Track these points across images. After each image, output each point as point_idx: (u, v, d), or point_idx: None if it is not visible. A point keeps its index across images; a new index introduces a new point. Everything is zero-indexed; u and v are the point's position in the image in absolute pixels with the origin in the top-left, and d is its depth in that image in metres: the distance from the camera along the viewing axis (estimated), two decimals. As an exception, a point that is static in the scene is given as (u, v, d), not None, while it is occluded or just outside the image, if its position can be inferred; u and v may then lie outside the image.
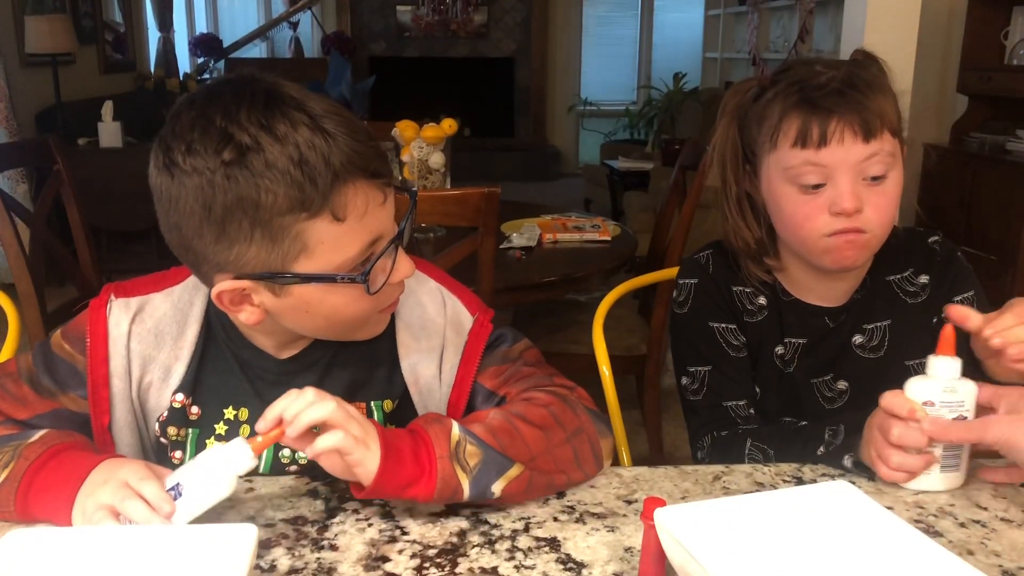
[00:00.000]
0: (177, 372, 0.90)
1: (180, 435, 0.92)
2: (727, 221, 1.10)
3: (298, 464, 0.93)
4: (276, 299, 0.81)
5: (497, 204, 1.66)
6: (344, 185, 0.76)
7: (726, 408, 1.10)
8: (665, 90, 7.16)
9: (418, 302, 0.95)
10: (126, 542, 0.68)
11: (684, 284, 1.15)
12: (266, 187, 0.74)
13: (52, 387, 0.91)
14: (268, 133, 0.74)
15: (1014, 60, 3.74)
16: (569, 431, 0.87)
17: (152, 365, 0.90)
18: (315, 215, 0.76)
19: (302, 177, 0.74)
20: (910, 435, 0.85)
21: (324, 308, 0.82)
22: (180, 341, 0.91)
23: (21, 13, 4.74)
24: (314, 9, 7.49)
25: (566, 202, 5.69)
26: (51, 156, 2.28)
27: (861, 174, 0.99)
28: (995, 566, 0.75)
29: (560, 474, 0.86)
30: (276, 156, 0.74)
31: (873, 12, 3.03)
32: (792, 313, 1.11)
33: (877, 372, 1.10)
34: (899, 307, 1.12)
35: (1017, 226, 3.36)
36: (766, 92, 1.04)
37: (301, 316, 0.84)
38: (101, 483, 0.76)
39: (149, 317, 0.91)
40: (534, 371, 0.95)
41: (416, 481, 0.77)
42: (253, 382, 0.92)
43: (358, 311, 0.83)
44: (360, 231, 0.79)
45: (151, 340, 0.90)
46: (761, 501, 0.74)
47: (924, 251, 1.13)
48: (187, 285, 0.93)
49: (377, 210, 0.79)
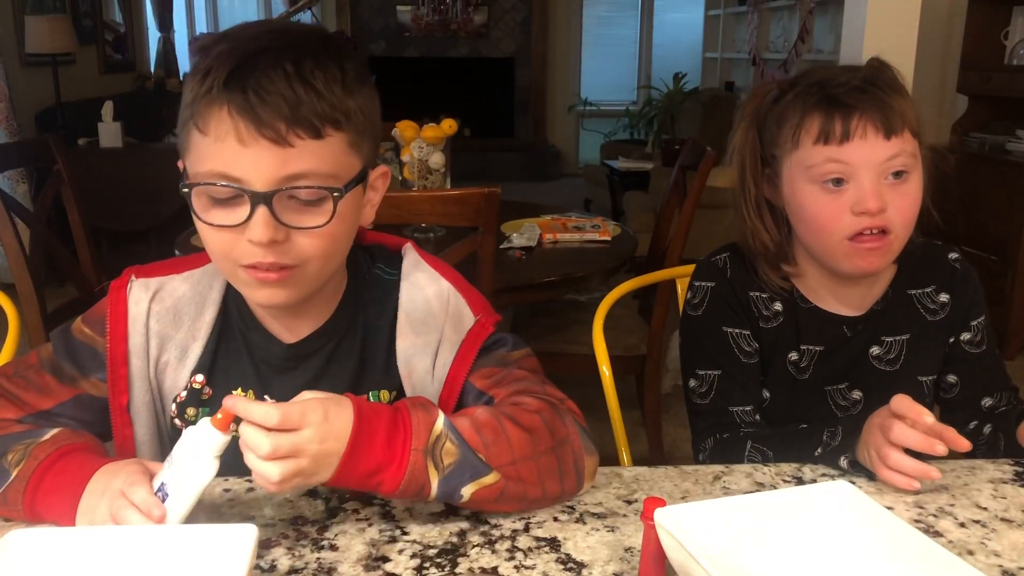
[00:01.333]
0: (194, 352, 0.91)
1: (194, 416, 0.92)
2: (745, 224, 1.10)
3: None
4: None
5: (497, 204, 1.66)
6: (214, 104, 0.77)
7: (732, 413, 1.10)
8: (665, 90, 7.17)
9: (424, 298, 0.95)
10: (126, 542, 0.68)
11: (700, 286, 1.14)
12: (192, 74, 0.80)
13: (73, 372, 0.91)
14: (217, 44, 0.79)
15: (1014, 60, 3.74)
16: (556, 440, 0.85)
17: (169, 344, 0.91)
18: (192, 117, 0.79)
19: (200, 84, 0.78)
20: (911, 436, 0.85)
21: (199, 225, 0.83)
22: (198, 322, 0.92)
23: (21, 13, 4.74)
24: (314, 9, 7.48)
25: (566, 202, 5.68)
26: (51, 156, 2.28)
27: (883, 173, 0.99)
28: (995, 566, 0.75)
29: (536, 486, 0.82)
30: (205, 53, 0.79)
31: (873, 12, 3.03)
32: (810, 320, 1.11)
33: (891, 385, 1.09)
34: (919, 322, 1.12)
35: (1017, 226, 3.36)
36: (786, 94, 1.04)
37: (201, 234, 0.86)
38: (99, 493, 0.76)
39: (168, 297, 0.91)
40: (527, 375, 0.93)
41: (384, 468, 0.75)
42: (258, 366, 0.93)
43: (214, 247, 0.83)
44: (214, 156, 0.78)
45: (169, 319, 0.91)
46: (761, 501, 0.74)
47: (946, 268, 1.14)
48: (207, 269, 0.93)
49: (235, 146, 0.77)
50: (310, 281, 0.85)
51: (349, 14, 7.72)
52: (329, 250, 0.84)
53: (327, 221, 0.80)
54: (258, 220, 0.78)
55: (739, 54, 6.81)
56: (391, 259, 0.98)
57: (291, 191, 0.79)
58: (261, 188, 0.78)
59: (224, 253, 0.82)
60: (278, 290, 0.83)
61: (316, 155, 0.79)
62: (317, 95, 0.78)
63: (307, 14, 7.47)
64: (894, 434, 0.86)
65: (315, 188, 0.80)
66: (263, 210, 0.78)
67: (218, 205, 0.80)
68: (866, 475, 0.91)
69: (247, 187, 0.78)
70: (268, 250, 0.79)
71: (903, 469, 0.86)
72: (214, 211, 0.80)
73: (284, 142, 0.77)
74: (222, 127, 0.77)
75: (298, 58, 0.78)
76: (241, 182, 0.78)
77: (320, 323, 0.93)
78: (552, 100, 8.14)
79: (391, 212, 1.72)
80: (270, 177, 0.78)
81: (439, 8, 7.73)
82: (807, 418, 1.09)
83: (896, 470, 0.87)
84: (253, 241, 0.79)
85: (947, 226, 1.05)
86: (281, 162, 0.78)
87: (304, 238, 0.81)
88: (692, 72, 7.46)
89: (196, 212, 0.81)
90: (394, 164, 2.42)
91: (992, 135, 3.78)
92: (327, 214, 0.81)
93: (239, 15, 7.87)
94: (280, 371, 0.93)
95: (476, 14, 7.80)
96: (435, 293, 0.95)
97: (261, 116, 0.76)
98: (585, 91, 8.14)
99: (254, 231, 0.78)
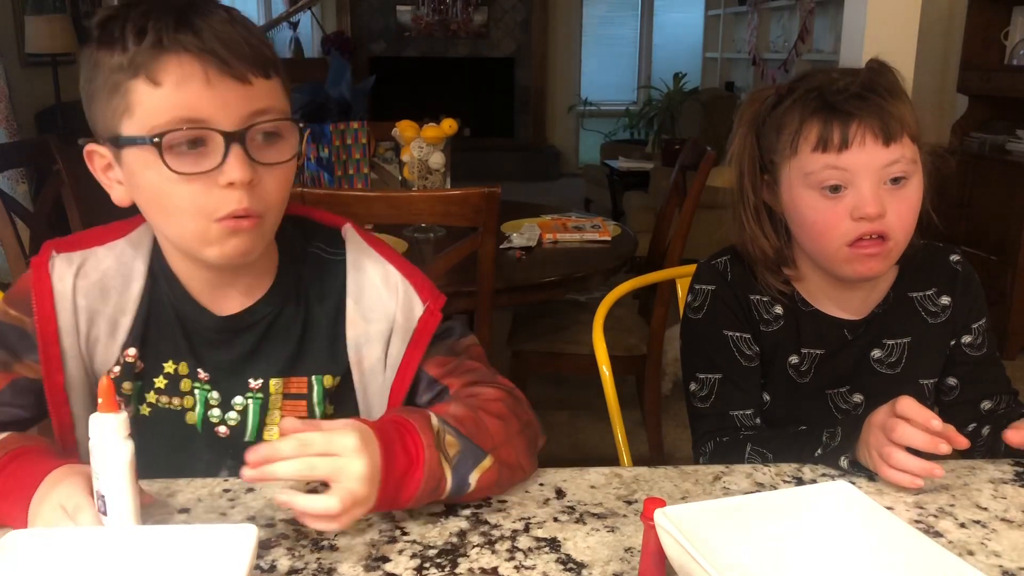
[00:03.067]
0: (124, 326, 0.90)
1: (130, 390, 0.91)
2: (744, 231, 1.09)
3: (227, 425, 0.93)
4: (121, 172, 0.83)
5: (497, 204, 1.66)
6: (167, 53, 0.77)
7: (732, 417, 1.10)
8: (665, 90, 7.17)
9: (372, 283, 0.94)
10: (126, 542, 0.68)
11: (701, 290, 1.13)
12: (109, 44, 0.78)
13: (5, 357, 0.89)
14: (136, 7, 0.78)
15: (1014, 60, 3.74)
16: (522, 423, 0.89)
17: (99, 319, 0.89)
18: (136, 74, 0.77)
19: (137, 42, 0.77)
20: (915, 435, 0.85)
21: (148, 188, 0.81)
22: (125, 295, 0.90)
23: (21, 13, 4.74)
24: (314, 9, 7.48)
25: (566, 202, 5.69)
26: (51, 156, 2.28)
27: (882, 179, 0.99)
28: (995, 566, 0.75)
29: (518, 470, 0.87)
30: (123, 18, 0.78)
31: (873, 12, 3.03)
32: (810, 323, 1.11)
33: (892, 388, 1.09)
34: (920, 325, 1.12)
35: (1017, 226, 3.36)
36: (784, 100, 1.04)
37: (141, 200, 0.84)
38: (38, 506, 0.74)
39: (93, 271, 0.89)
40: (478, 366, 0.96)
41: (409, 471, 0.77)
42: (191, 338, 0.92)
43: (183, 204, 0.80)
44: (175, 102, 0.77)
45: (97, 295, 0.89)
46: (761, 501, 0.74)
47: (947, 270, 1.13)
48: (130, 239, 0.92)
49: (200, 88, 0.77)
50: (267, 234, 0.86)
51: (349, 14, 7.72)
52: (285, 198, 0.85)
53: (294, 155, 0.83)
54: (234, 160, 0.78)
55: (739, 54, 6.81)
56: (331, 238, 0.97)
57: (258, 127, 0.80)
58: (231, 127, 0.78)
59: (196, 208, 0.80)
60: (248, 240, 0.83)
61: (271, 93, 0.82)
62: (258, 39, 0.80)
63: (307, 14, 7.47)
64: (897, 434, 0.86)
65: (280, 120, 0.81)
66: (237, 149, 0.78)
67: (181, 157, 0.78)
68: (866, 475, 0.91)
69: (218, 127, 0.78)
70: (245, 193, 0.79)
71: (908, 468, 0.86)
72: (179, 165, 0.78)
73: (246, 80, 0.79)
74: (182, 72, 0.77)
75: (223, 8, 0.80)
76: (210, 123, 0.78)
77: (254, 296, 0.92)
78: (552, 100, 8.14)
79: (391, 212, 1.72)
80: (238, 115, 0.79)
81: (439, 8, 7.72)
82: (808, 422, 1.08)
83: (901, 470, 0.86)
84: (234, 182, 0.78)
85: (947, 227, 1.04)
86: (246, 99, 0.79)
87: (271, 181, 0.82)
88: (692, 72, 7.46)
89: (166, 164, 0.78)
90: (394, 164, 2.42)
91: (992, 135, 3.78)
92: (292, 148, 0.83)
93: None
94: (214, 344, 0.92)
95: (476, 14, 7.80)
96: (383, 280, 0.95)
97: (223, 55, 0.77)
98: (585, 91, 8.14)
99: (232, 172, 0.78)
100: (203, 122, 0.78)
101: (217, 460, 0.94)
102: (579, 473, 0.92)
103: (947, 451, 0.85)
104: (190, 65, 0.77)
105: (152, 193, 0.82)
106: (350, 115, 2.45)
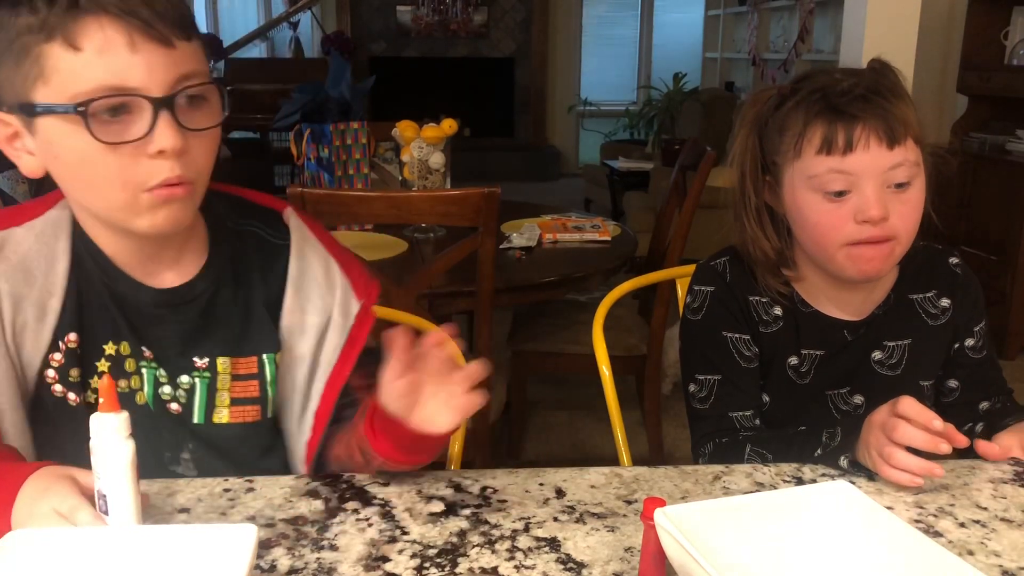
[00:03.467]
0: (53, 309, 0.85)
1: (77, 377, 0.88)
2: (745, 232, 1.09)
3: (178, 403, 0.91)
4: (34, 142, 0.79)
5: (497, 204, 1.66)
6: (85, 15, 0.74)
7: (732, 418, 1.10)
8: (665, 90, 7.16)
9: (313, 275, 0.94)
10: (126, 542, 0.68)
11: (700, 291, 1.13)
12: (14, 2, 0.74)
13: None
14: None
15: (1014, 60, 3.74)
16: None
17: (24, 304, 0.85)
18: (51, 38, 0.74)
19: (48, 4, 0.73)
20: (916, 435, 0.85)
21: (69, 158, 0.78)
22: (51, 276, 0.86)
23: None
24: (314, 9, 7.48)
25: (566, 202, 5.68)
26: (51, 156, 2.28)
27: (886, 182, 0.99)
28: (995, 566, 0.75)
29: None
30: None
31: (873, 12, 3.03)
32: (810, 324, 1.11)
33: (893, 389, 1.09)
34: (920, 327, 1.12)
35: (1017, 226, 3.36)
36: (787, 101, 1.03)
37: (60, 171, 0.81)
38: (28, 515, 0.72)
39: (13, 253, 0.85)
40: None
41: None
42: (128, 316, 0.88)
43: (109, 174, 0.78)
44: (99, 69, 0.74)
45: (20, 278, 0.85)
46: (761, 501, 0.74)
47: (947, 272, 1.13)
48: (49, 218, 0.87)
49: (125, 54, 0.75)
50: (197, 202, 0.84)
51: (349, 14, 7.71)
52: (211, 164, 0.83)
53: (222, 119, 0.81)
54: (163, 127, 0.76)
55: (739, 54, 6.80)
56: (269, 219, 0.96)
57: (184, 91, 0.78)
58: (158, 93, 0.76)
59: (124, 179, 0.78)
60: (179, 208, 0.81)
61: (193, 56, 0.79)
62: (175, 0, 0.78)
63: (307, 14, 7.47)
64: (898, 434, 0.86)
65: (206, 84, 0.80)
66: (167, 116, 0.77)
67: (105, 125, 0.76)
68: (866, 475, 0.91)
69: (145, 94, 0.76)
70: (176, 161, 0.78)
71: (909, 468, 0.86)
72: (104, 134, 0.76)
73: (170, 43, 0.76)
74: (104, 36, 0.74)
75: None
76: (138, 90, 0.76)
77: (188, 272, 0.90)
78: (552, 100, 8.14)
79: (391, 212, 1.72)
80: (164, 80, 0.77)
81: (439, 8, 7.72)
82: (808, 423, 1.08)
83: (902, 469, 0.86)
84: (164, 150, 0.77)
85: (947, 227, 1.04)
86: (172, 63, 0.77)
87: (199, 147, 0.80)
88: (692, 72, 7.46)
89: (92, 134, 0.75)
90: (394, 164, 2.42)
91: (992, 135, 3.78)
92: (217, 112, 0.81)
93: (239, 15, 7.86)
94: (153, 321, 0.89)
95: (476, 14, 7.80)
96: (324, 272, 0.95)
97: (145, 17, 0.75)
98: (585, 91, 8.14)
99: (162, 139, 0.76)
100: (130, 89, 0.75)
101: (177, 442, 0.91)
102: (579, 473, 0.92)
103: (947, 451, 0.85)
104: (112, 28, 0.74)
105: (74, 164, 0.79)
106: (350, 115, 2.45)
